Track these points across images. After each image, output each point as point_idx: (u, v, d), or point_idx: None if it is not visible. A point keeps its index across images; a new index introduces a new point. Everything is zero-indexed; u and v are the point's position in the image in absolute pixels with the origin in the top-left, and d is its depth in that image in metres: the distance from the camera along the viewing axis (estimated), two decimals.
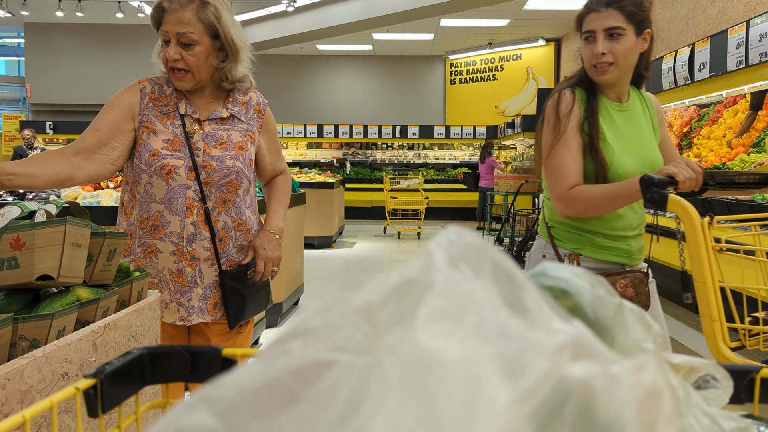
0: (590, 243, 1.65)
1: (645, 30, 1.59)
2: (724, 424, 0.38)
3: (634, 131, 1.65)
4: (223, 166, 1.66)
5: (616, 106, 1.65)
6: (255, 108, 1.79)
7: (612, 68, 1.57)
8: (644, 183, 1.38)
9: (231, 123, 1.73)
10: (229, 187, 1.67)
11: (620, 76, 1.61)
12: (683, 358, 0.40)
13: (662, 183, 1.37)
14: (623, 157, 1.60)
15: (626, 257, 1.66)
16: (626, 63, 1.58)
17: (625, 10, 1.54)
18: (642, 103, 1.71)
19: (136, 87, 1.70)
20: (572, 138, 1.59)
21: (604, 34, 1.55)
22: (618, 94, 1.66)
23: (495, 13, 10.81)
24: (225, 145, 1.68)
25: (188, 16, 1.59)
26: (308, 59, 14.07)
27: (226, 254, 1.68)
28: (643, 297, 1.60)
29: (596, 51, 1.56)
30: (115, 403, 0.43)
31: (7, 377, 0.79)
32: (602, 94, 1.64)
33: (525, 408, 0.26)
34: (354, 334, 0.30)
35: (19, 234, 0.95)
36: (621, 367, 0.29)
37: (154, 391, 1.22)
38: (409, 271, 0.31)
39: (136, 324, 1.15)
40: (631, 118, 1.66)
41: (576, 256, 1.66)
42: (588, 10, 1.59)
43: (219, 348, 0.48)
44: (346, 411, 0.26)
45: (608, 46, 1.55)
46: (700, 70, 4.48)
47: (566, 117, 1.60)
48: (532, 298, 0.31)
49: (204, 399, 0.29)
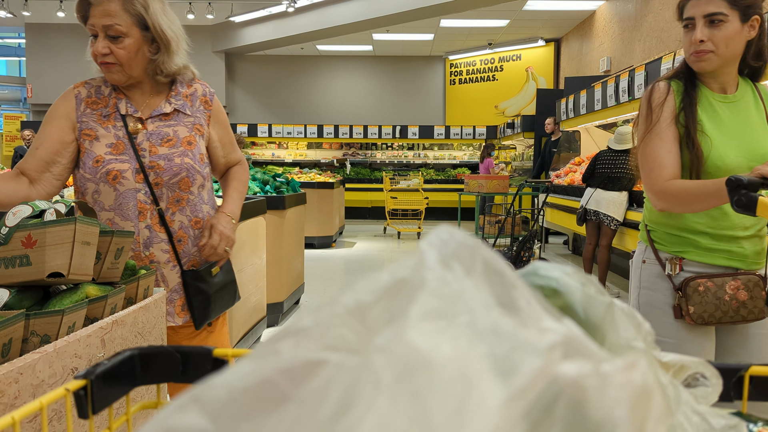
0: (694, 245, 1.54)
1: (752, 16, 1.48)
2: (713, 422, 0.38)
3: (742, 124, 1.54)
4: (172, 164, 1.59)
5: (720, 97, 1.55)
6: (201, 99, 1.71)
7: (711, 56, 1.48)
8: (731, 184, 1.27)
9: (176, 118, 1.65)
10: (181, 185, 1.61)
11: (721, 65, 1.51)
12: (673, 356, 0.40)
13: (753, 184, 1.26)
14: (724, 149, 1.50)
15: (739, 261, 1.54)
16: (728, 51, 1.48)
17: None
18: (756, 96, 1.60)
19: (71, 94, 1.63)
20: (666, 129, 1.52)
21: (704, 20, 1.47)
22: (722, 84, 1.56)
23: (495, 13, 10.81)
24: (172, 142, 1.62)
25: (114, 7, 1.52)
26: (308, 59, 14.07)
27: (186, 254, 1.64)
28: (759, 302, 1.48)
29: (695, 38, 1.48)
30: (106, 404, 0.43)
31: (20, 371, 0.81)
32: (704, 85, 1.56)
33: (517, 407, 0.26)
34: (345, 334, 0.30)
35: (30, 232, 0.98)
36: (612, 366, 0.29)
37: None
38: (400, 270, 0.31)
39: (142, 321, 1.17)
40: (738, 110, 1.55)
41: (679, 260, 1.55)
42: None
43: (210, 348, 0.48)
44: (338, 411, 0.26)
45: (708, 33, 1.47)
46: None
47: (659, 108, 1.54)
48: (524, 297, 0.31)
49: (195, 399, 0.29)
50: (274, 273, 4.22)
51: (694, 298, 1.49)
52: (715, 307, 1.49)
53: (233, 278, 1.78)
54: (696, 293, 1.50)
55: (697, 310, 1.49)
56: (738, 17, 1.46)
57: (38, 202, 1.11)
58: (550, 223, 7.33)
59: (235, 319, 3.27)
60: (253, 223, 3.63)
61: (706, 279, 1.50)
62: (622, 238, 5.20)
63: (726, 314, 1.49)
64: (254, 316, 3.71)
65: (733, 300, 1.48)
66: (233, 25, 12.20)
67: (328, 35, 11.43)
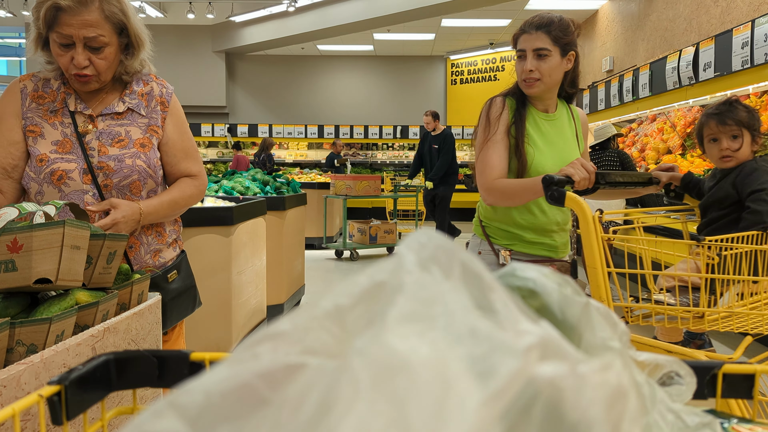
0: (520, 239, 1.86)
1: (569, 52, 1.83)
2: (687, 420, 0.39)
3: (558, 137, 1.88)
4: (123, 166, 1.50)
5: (544, 115, 1.88)
6: (157, 100, 1.61)
7: (538, 83, 1.81)
8: (545, 182, 1.55)
9: (129, 117, 1.56)
10: (132, 188, 1.52)
11: (545, 90, 1.84)
12: (648, 355, 0.40)
13: (561, 182, 1.55)
14: (544, 158, 1.83)
15: (552, 251, 1.88)
16: (551, 80, 1.82)
17: (552, 34, 1.80)
18: (569, 116, 1.96)
19: (16, 88, 1.53)
20: (500, 139, 1.82)
21: (533, 53, 1.80)
22: (545, 105, 1.89)
23: (496, 13, 10.79)
24: (123, 142, 1.52)
25: (94, 17, 1.41)
26: (309, 59, 14.07)
27: (138, 261, 1.55)
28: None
29: (526, 68, 1.81)
30: (81, 410, 0.42)
31: (3, 384, 0.77)
32: (531, 105, 1.88)
33: (494, 408, 0.26)
34: (324, 337, 0.30)
35: (16, 236, 0.94)
36: (588, 367, 0.29)
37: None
38: (378, 273, 0.31)
39: (136, 327, 1.13)
40: (556, 126, 1.89)
41: (509, 252, 1.87)
42: (522, 31, 1.85)
43: (187, 352, 0.47)
44: (317, 414, 0.26)
45: (536, 64, 1.80)
46: (704, 69, 4.45)
47: (496, 121, 1.84)
48: (501, 299, 0.31)
49: (172, 404, 0.29)
50: (274, 274, 4.20)
51: None
52: None
53: (193, 284, 1.69)
54: None
55: None
56: (559, 52, 1.81)
57: (25, 204, 1.08)
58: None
59: (234, 321, 3.26)
60: (253, 224, 3.62)
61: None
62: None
63: None
64: (254, 318, 3.69)
65: None
66: (234, 24, 12.20)
67: (329, 35, 11.42)
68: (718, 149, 1.91)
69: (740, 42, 4.03)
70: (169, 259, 1.63)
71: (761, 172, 1.83)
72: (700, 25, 7.01)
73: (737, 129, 1.88)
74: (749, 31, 3.92)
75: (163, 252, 1.61)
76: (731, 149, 1.88)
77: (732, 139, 1.88)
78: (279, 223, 4.32)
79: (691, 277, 1.66)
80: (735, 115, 1.89)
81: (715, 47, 4.33)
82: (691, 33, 7.20)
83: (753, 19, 3.93)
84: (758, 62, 3.85)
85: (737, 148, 1.88)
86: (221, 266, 3.16)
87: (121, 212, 1.43)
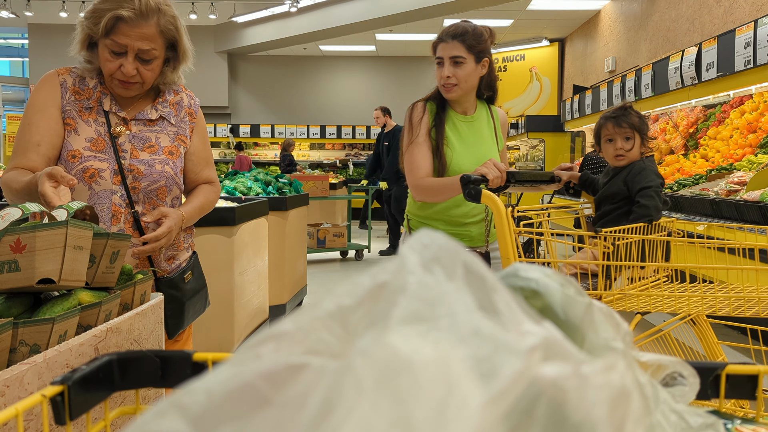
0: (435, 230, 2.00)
1: (483, 59, 2.02)
2: (691, 420, 0.39)
3: (476, 138, 2.06)
4: (152, 170, 1.53)
5: (462, 117, 2.06)
6: (186, 110, 1.65)
7: (456, 88, 1.99)
8: (463, 181, 1.72)
9: (160, 125, 1.59)
10: (159, 193, 1.55)
11: (463, 95, 2.03)
12: (651, 356, 0.40)
13: (476, 181, 1.72)
14: (462, 158, 2.00)
15: (469, 241, 2.05)
16: (467, 84, 2.00)
17: (466, 42, 1.97)
18: (488, 116, 2.13)
19: (55, 81, 1.55)
20: (423, 141, 1.99)
21: (450, 60, 1.97)
22: (464, 108, 2.07)
23: (499, 13, 10.79)
24: (154, 148, 1.56)
25: (151, 31, 1.46)
26: (311, 60, 14.08)
27: (158, 262, 1.57)
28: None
29: (444, 74, 1.98)
30: (84, 410, 0.42)
31: (7, 384, 0.77)
32: (451, 108, 2.06)
33: (498, 409, 0.26)
34: (326, 338, 0.30)
35: (19, 236, 0.94)
36: (591, 368, 0.29)
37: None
38: (381, 274, 0.31)
39: (139, 328, 1.13)
40: (474, 128, 2.07)
41: None
42: (439, 40, 2.03)
43: (190, 352, 0.47)
44: (319, 414, 0.26)
45: (453, 71, 1.97)
46: (707, 70, 4.44)
47: (417, 124, 2.01)
48: (503, 300, 0.31)
49: (174, 404, 0.29)
50: (276, 275, 4.20)
51: None
52: None
53: (204, 284, 1.72)
54: None
55: None
56: (473, 59, 1.99)
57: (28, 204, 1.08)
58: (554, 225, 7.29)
59: (236, 321, 3.26)
60: (255, 225, 3.62)
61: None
62: None
63: None
64: (256, 318, 3.69)
65: None
66: (236, 25, 12.21)
67: (331, 35, 11.43)
68: (613, 148, 2.11)
69: (743, 42, 4.02)
70: (184, 260, 1.65)
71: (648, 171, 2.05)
72: (702, 25, 7.00)
73: (630, 131, 2.08)
74: (752, 31, 3.92)
75: (178, 255, 1.64)
76: (624, 149, 2.08)
77: (625, 140, 2.08)
78: (281, 223, 4.32)
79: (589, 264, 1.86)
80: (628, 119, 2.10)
81: (717, 47, 4.32)
82: (693, 33, 7.19)
83: (756, 19, 3.92)
84: (761, 62, 3.84)
85: (629, 149, 2.08)
86: (223, 266, 3.16)
87: (172, 220, 1.50)
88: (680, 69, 4.80)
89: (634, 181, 2.03)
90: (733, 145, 4.99)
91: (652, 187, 2.00)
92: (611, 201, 2.09)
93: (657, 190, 2.01)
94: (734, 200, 3.73)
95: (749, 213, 3.58)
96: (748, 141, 4.84)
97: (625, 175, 2.06)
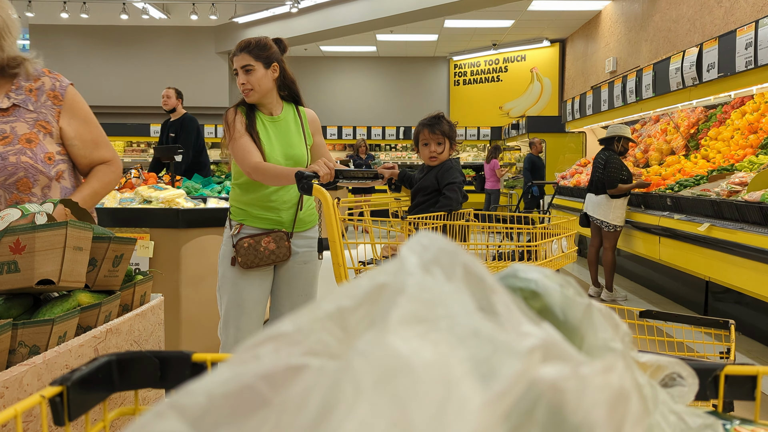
0: (249, 215, 2.29)
1: (272, 64, 2.29)
2: (689, 421, 0.39)
3: (283, 136, 2.32)
4: (6, 164, 1.46)
5: (269, 118, 2.33)
6: (49, 94, 1.58)
7: (252, 92, 2.26)
8: (298, 176, 1.96)
9: (16, 114, 1.52)
10: (20, 186, 1.49)
11: (261, 97, 2.29)
12: (650, 356, 0.40)
13: (309, 176, 1.96)
14: (271, 154, 2.25)
15: (278, 225, 2.30)
16: (261, 88, 2.26)
17: (252, 53, 2.25)
18: (296, 116, 2.40)
19: None
20: (243, 133, 2.24)
21: (242, 70, 2.26)
22: (269, 109, 2.34)
23: (499, 13, 10.78)
24: (8, 139, 1.49)
25: None
26: (312, 61, 14.07)
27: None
28: (284, 249, 2.29)
29: (239, 82, 2.27)
30: (83, 411, 0.42)
31: (6, 385, 0.76)
32: (258, 110, 2.33)
33: (497, 410, 0.26)
34: (326, 339, 0.30)
35: (19, 237, 0.93)
36: (590, 369, 0.29)
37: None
38: (380, 275, 0.31)
39: (139, 329, 1.13)
40: (280, 126, 2.33)
41: (240, 225, 2.29)
42: (233, 55, 2.30)
43: (189, 353, 0.47)
44: (318, 415, 0.26)
45: (246, 78, 2.25)
46: (708, 70, 4.44)
47: (233, 123, 2.26)
48: (502, 301, 0.31)
49: (174, 405, 0.29)
50: None
51: (241, 252, 2.24)
52: (254, 256, 2.25)
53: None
54: (243, 248, 2.25)
55: (243, 259, 2.25)
56: (262, 65, 2.27)
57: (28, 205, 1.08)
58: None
59: None
60: None
61: (250, 238, 2.26)
62: (629, 240, 5.17)
63: (263, 260, 2.26)
64: None
65: (266, 250, 2.27)
66: (236, 26, 12.22)
67: (332, 36, 11.43)
68: (428, 151, 2.50)
69: (744, 43, 4.01)
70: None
71: (454, 170, 2.46)
72: (703, 26, 6.99)
73: (442, 137, 2.48)
74: (753, 31, 3.91)
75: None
76: (437, 152, 2.48)
77: (437, 144, 2.48)
78: None
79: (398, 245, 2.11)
80: (441, 127, 2.49)
81: (718, 48, 4.32)
82: (694, 34, 7.18)
83: (757, 20, 3.92)
84: (762, 63, 3.84)
85: (441, 152, 2.48)
86: None
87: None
88: (681, 69, 4.80)
89: (443, 177, 2.44)
90: (734, 146, 4.99)
91: (456, 183, 2.42)
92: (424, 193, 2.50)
93: (459, 186, 2.44)
94: (735, 201, 3.72)
95: (750, 214, 3.57)
96: (749, 141, 4.83)
97: (437, 172, 2.47)
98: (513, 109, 13.43)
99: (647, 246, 4.84)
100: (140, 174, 3.92)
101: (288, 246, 2.29)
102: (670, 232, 4.41)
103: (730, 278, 3.75)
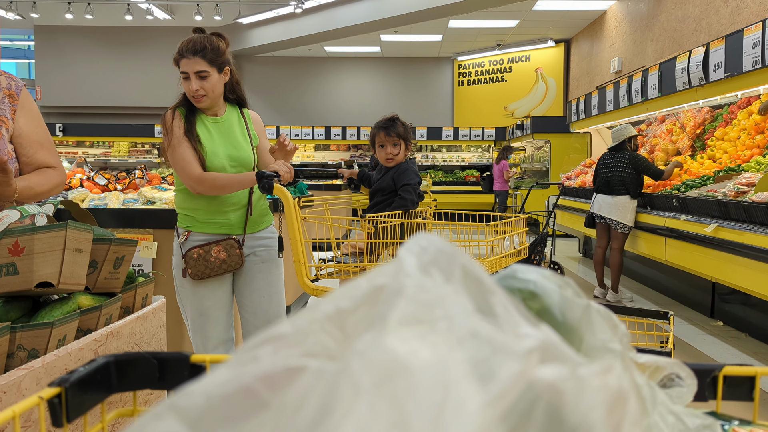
0: (195, 221, 2.21)
1: (224, 68, 2.22)
2: (688, 422, 0.39)
3: (227, 137, 2.25)
4: None
5: (212, 119, 2.26)
6: (5, 92, 1.59)
7: (205, 98, 2.18)
8: (259, 176, 2.01)
9: None
10: None
11: (212, 103, 2.23)
12: (649, 357, 0.40)
13: (270, 176, 2.01)
14: (215, 156, 2.19)
15: (227, 228, 2.22)
16: (215, 94, 2.20)
17: (207, 57, 2.15)
18: (239, 117, 2.34)
19: None
20: (182, 139, 2.16)
21: (195, 75, 2.15)
22: (214, 111, 2.27)
23: (504, 14, 10.76)
24: None
25: None
26: (316, 61, 14.08)
27: None
28: (235, 258, 2.20)
29: (192, 88, 2.15)
30: (81, 412, 0.42)
31: (4, 390, 0.75)
32: (201, 112, 2.25)
33: (495, 411, 0.26)
34: (324, 340, 0.30)
35: (18, 239, 0.92)
36: (588, 370, 0.29)
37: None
38: (379, 277, 0.31)
39: (140, 331, 1.12)
40: (224, 127, 2.27)
41: (187, 233, 2.21)
42: (181, 56, 2.17)
43: (187, 354, 0.46)
44: (317, 417, 0.26)
45: (200, 84, 2.15)
46: (714, 70, 4.40)
47: (171, 127, 2.17)
48: (501, 302, 0.31)
49: (172, 407, 0.29)
50: None
51: (191, 263, 2.16)
52: (205, 266, 2.16)
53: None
54: (192, 259, 2.16)
55: (194, 271, 2.16)
56: (216, 71, 2.19)
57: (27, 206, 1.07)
58: (560, 226, 7.25)
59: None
60: None
61: (199, 248, 2.17)
62: (635, 241, 5.14)
63: (214, 270, 2.18)
64: None
65: (217, 260, 2.18)
66: (241, 26, 12.23)
67: (336, 36, 11.43)
68: (384, 153, 2.59)
69: (751, 42, 3.98)
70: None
71: (410, 172, 2.56)
72: (710, 26, 6.95)
73: (397, 139, 2.57)
74: (760, 31, 3.88)
75: None
76: (393, 153, 2.58)
77: (393, 146, 2.58)
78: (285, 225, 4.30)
79: (359, 243, 2.19)
80: (396, 129, 2.58)
81: (725, 47, 4.29)
82: (700, 33, 7.14)
83: (764, 19, 3.89)
84: None
85: (397, 153, 2.58)
86: None
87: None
88: (687, 69, 4.77)
89: (399, 178, 2.54)
90: (740, 146, 4.95)
91: (411, 184, 2.52)
92: (382, 193, 2.58)
93: (414, 187, 2.54)
94: (742, 202, 3.69)
95: (758, 214, 3.54)
96: (756, 142, 4.80)
97: (393, 173, 2.57)
98: (518, 109, 13.40)
99: (653, 247, 4.81)
100: (144, 174, 3.92)
101: (240, 254, 2.19)
102: (677, 233, 4.38)
103: (737, 280, 3.72)
